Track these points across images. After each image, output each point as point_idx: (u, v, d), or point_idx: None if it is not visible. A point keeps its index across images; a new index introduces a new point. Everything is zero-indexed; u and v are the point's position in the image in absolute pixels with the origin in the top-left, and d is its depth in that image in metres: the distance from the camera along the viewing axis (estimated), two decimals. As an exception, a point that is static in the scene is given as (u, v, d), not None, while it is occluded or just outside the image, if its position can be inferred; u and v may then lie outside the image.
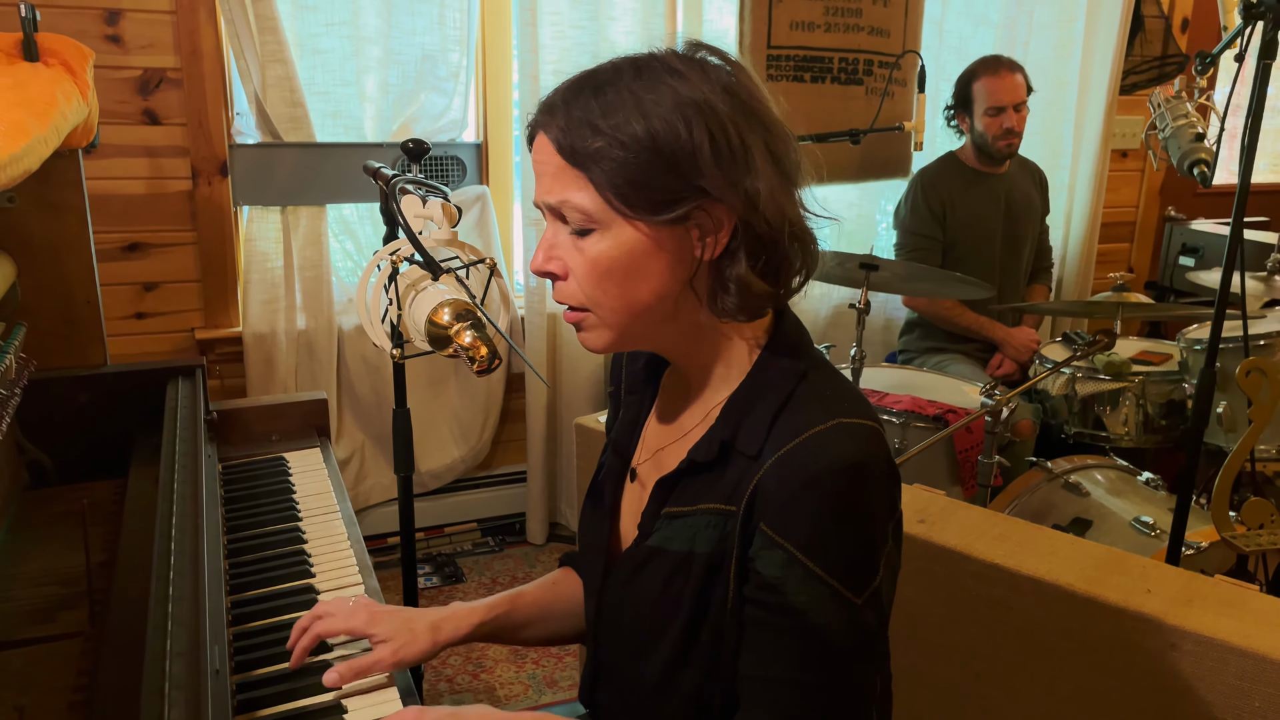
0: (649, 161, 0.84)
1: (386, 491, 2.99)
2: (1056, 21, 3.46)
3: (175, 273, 2.67)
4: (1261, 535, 1.62)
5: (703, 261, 0.88)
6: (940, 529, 1.57)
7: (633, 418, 1.05)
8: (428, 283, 1.02)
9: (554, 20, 2.78)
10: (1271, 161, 4.34)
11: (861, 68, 3.10)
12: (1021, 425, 2.62)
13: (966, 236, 2.97)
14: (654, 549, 0.95)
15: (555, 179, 0.88)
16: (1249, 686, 1.28)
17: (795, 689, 0.86)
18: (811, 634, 0.84)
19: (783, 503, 0.84)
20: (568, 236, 0.89)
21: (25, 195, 1.56)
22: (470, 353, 0.93)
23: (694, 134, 0.83)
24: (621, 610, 1.00)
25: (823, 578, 0.83)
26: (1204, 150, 1.77)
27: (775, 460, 0.85)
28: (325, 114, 2.71)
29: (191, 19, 2.51)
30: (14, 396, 1.37)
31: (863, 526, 0.85)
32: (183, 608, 1.00)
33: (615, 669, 1.03)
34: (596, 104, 0.85)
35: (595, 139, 0.84)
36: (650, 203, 0.85)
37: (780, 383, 0.91)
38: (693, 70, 0.86)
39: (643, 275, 0.88)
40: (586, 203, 0.86)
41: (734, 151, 0.84)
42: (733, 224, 0.87)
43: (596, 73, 0.88)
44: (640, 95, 0.84)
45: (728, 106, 0.85)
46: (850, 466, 0.84)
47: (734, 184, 0.84)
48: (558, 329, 3.02)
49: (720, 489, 0.91)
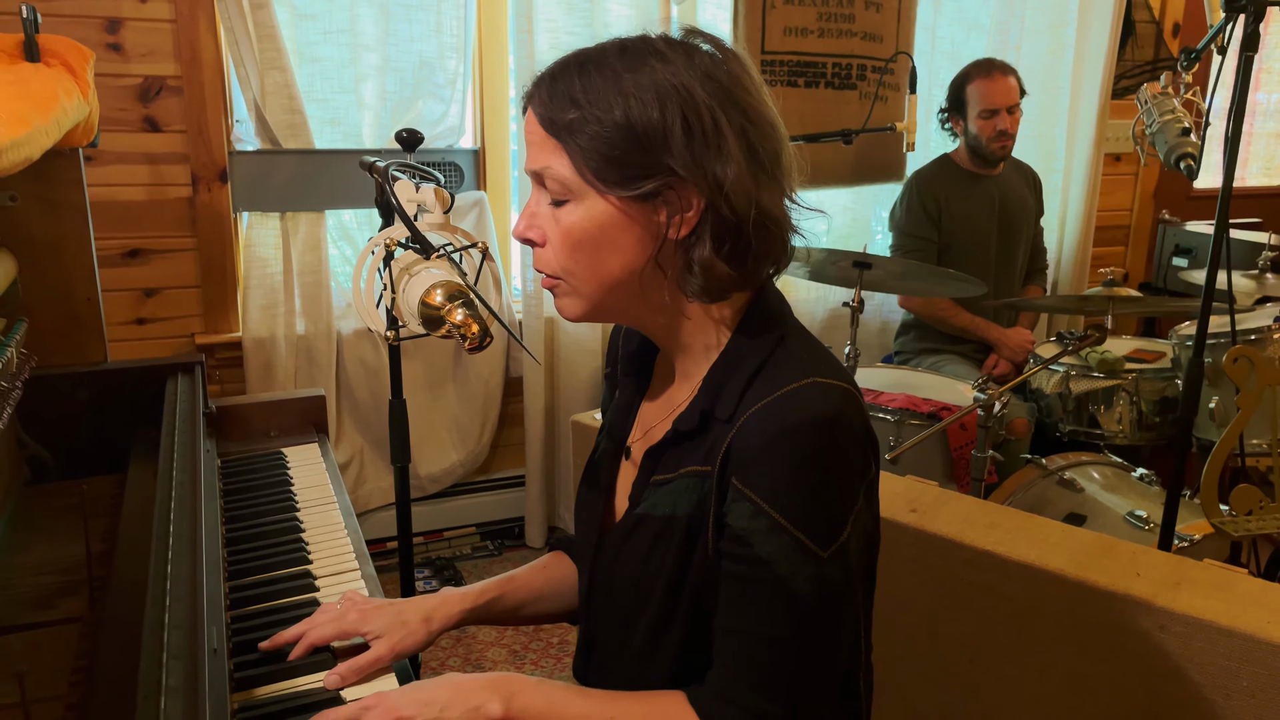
0: (622, 138, 0.87)
1: (385, 496, 3.00)
2: (1048, 26, 3.49)
3: (175, 278, 2.69)
4: (1250, 520, 1.63)
5: (669, 240, 0.91)
6: (932, 518, 1.59)
7: (628, 400, 1.07)
8: (421, 266, 1.04)
9: (549, 27, 2.81)
10: (1265, 165, 4.37)
11: (855, 72, 3.13)
12: (1016, 424, 2.63)
13: (961, 237, 2.99)
14: (640, 516, 0.97)
15: (539, 149, 0.91)
16: (1237, 666, 1.29)
17: (760, 643, 0.87)
18: (776, 586, 0.86)
19: (753, 455, 0.87)
20: (548, 206, 0.93)
21: (27, 193, 1.58)
22: (462, 330, 0.95)
23: (666, 115, 0.86)
24: (611, 580, 1.01)
25: (787, 528, 0.85)
26: (1190, 144, 1.79)
27: (748, 416, 0.88)
28: (324, 121, 2.74)
29: (191, 27, 2.54)
30: (15, 389, 1.39)
31: (830, 480, 0.86)
32: (180, 587, 1.02)
33: (606, 641, 1.05)
34: (579, 80, 0.88)
35: (574, 113, 0.88)
36: (621, 177, 0.88)
37: (756, 351, 0.93)
38: (677, 54, 0.89)
39: (612, 248, 0.91)
40: (563, 173, 0.89)
41: (706, 136, 0.87)
42: (701, 206, 0.89)
43: (586, 51, 0.92)
44: (621, 74, 0.87)
45: (706, 92, 0.87)
46: (821, 420, 0.86)
47: (702, 167, 0.87)
48: (555, 333, 3.04)
49: (699, 453, 0.93)
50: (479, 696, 0.91)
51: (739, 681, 0.88)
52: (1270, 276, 2.66)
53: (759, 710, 0.87)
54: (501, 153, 2.99)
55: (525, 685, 0.93)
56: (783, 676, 0.87)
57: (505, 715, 0.90)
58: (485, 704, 0.90)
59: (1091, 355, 2.59)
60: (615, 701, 0.93)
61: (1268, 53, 4.22)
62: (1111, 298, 2.20)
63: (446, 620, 1.10)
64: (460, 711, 0.89)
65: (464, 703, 0.90)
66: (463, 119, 2.87)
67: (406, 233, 1.05)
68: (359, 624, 1.07)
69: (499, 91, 2.96)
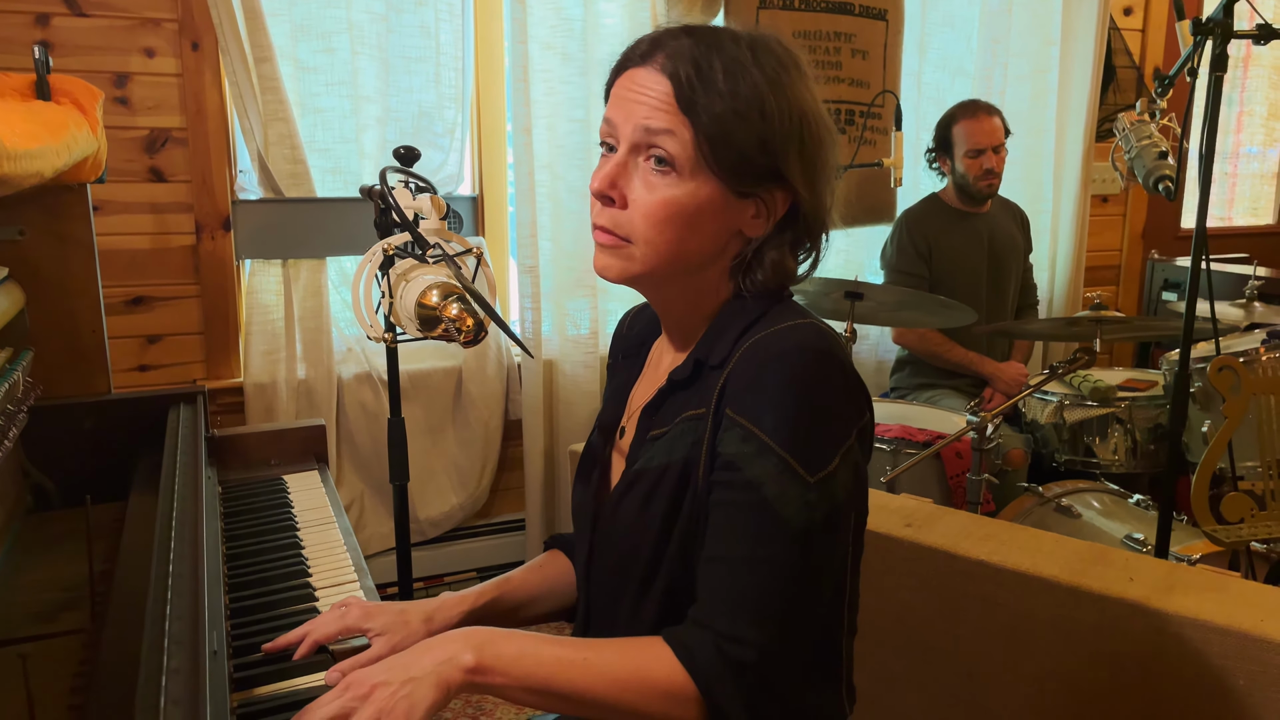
0: (755, 138, 0.92)
1: (385, 541, 3.00)
2: (1031, 73, 3.58)
3: (178, 325, 2.73)
4: (1243, 528, 1.64)
5: (745, 236, 0.97)
6: (927, 531, 1.60)
7: (621, 382, 1.11)
8: (417, 272, 1.07)
9: (545, 77, 2.89)
10: (1251, 205, 4.45)
11: (844, 117, 3.21)
12: (1013, 454, 2.65)
13: (952, 274, 3.03)
14: (637, 472, 1.00)
15: (657, 112, 0.92)
16: (1233, 665, 1.30)
17: (740, 566, 0.89)
18: (765, 508, 0.88)
19: (744, 384, 0.90)
20: (639, 171, 0.94)
21: (35, 227, 1.63)
22: (457, 324, 0.98)
23: (794, 129, 0.93)
24: (609, 541, 1.03)
25: (776, 450, 0.88)
26: (1167, 166, 1.85)
27: (741, 353, 0.92)
28: (325, 170, 2.80)
29: (197, 80, 2.62)
30: (20, 412, 1.41)
31: (820, 408, 0.89)
32: (181, 592, 1.03)
33: (603, 606, 1.06)
34: (723, 68, 0.91)
35: (716, 98, 0.90)
36: (738, 171, 0.93)
37: (750, 309, 0.98)
38: (794, 66, 0.96)
39: (700, 230, 0.94)
40: (682, 148, 0.92)
41: (816, 154, 0.95)
42: (785, 209, 0.96)
43: (710, 34, 0.94)
44: (759, 76, 0.92)
45: (815, 113, 0.95)
46: (811, 349, 0.90)
47: (809, 182, 0.95)
48: (553, 374, 3.07)
49: (693, 399, 0.97)
50: (450, 649, 0.90)
51: (716, 607, 0.89)
52: (1258, 305, 2.70)
53: (733, 634, 0.88)
54: (499, 199, 3.05)
55: (496, 634, 0.93)
56: (760, 601, 0.88)
57: (478, 663, 0.89)
58: (457, 655, 0.90)
59: (1084, 384, 2.62)
60: (590, 644, 0.93)
61: (1248, 95, 4.32)
62: (1099, 320, 2.23)
63: (447, 621, 1.11)
64: (432, 664, 0.89)
65: (436, 656, 0.90)
66: (461, 167, 2.94)
67: (403, 239, 1.09)
68: (361, 621, 1.08)
69: (497, 140, 3.04)
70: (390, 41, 2.79)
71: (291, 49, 2.68)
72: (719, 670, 0.87)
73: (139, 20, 2.54)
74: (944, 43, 3.50)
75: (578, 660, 0.90)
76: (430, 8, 2.80)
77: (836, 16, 3.14)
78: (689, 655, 0.89)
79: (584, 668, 0.90)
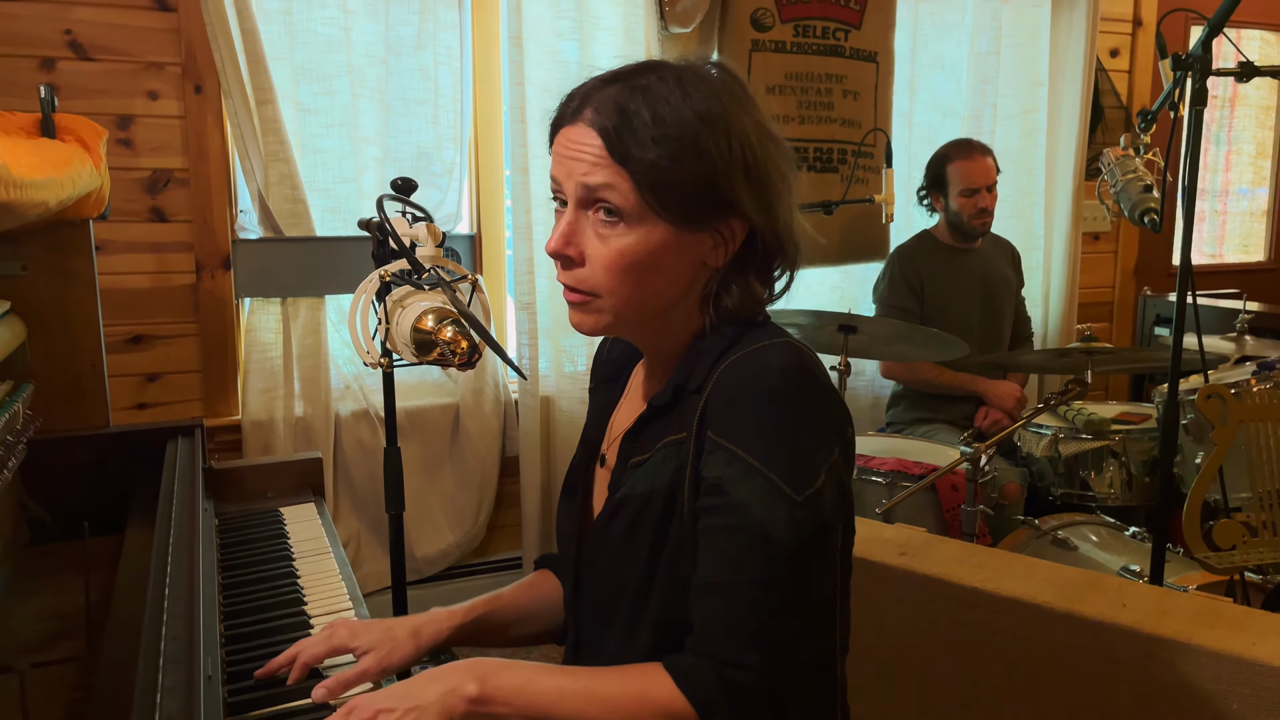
0: (692, 173, 0.91)
1: (381, 579, 2.99)
2: (1019, 113, 3.64)
3: (177, 363, 2.75)
4: (1235, 554, 1.65)
5: (709, 266, 0.97)
6: (921, 560, 1.61)
7: (601, 406, 1.12)
8: (413, 299, 1.09)
9: (543, 118, 2.93)
10: (1242, 242, 4.50)
11: (836, 157, 3.26)
12: (1009, 488, 2.65)
13: (945, 310, 3.06)
14: (621, 500, 1.00)
15: (594, 168, 0.92)
16: (1226, 689, 1.30)
17: (735, 590, 0.89)
18: (754, 531, 0.88)
19: (725, 406, 0.91)
20: (590, 224, 0.95)
21: (38, 262, 1.65)
22: (452, 346, 1.00)
23: (734, 156, 0.92)
24: (595, 571, 1.03)
25: (761, 471, 0.88)
26: (1151, 199, 1.88)
27: (720, 374, 0.92)
28: (325, 210, 2.84)
29: (199, 122, 2.66)
30: (20, 444, 1.43)
31: (800, 425, 0.90)
32: (178, 611, 1.04)
33: (592, 636, 1.06)
34: (647, 109, 0.91)
35: (646, 142, 0.90)
36: (682, 209, 0.93)
37: (727, 332, 0.99)
38: (732, 98, 0.95)
39: (659, 271, 0.95)
40: (623, 198, 0.92)
41: (763, 176, 0.94)
42: (744, 235, 0.96)
43: (637, 76, 0.94)
44: (686, 109, 0.91)
45: (759, 136, 0.94)
46: (791, 369, 0.91)
47: (762, 207, 0.94)
48: (550, 411, 3.08)
49: (673, 424, 0.97)
50: (454, 679, 0.91)
51: (713, 634, 0.89)
52: (1249, 339, 2.73)
53: (732, 660, 0.88)
54: (497, 238, 3.09)
55: (499, 664, 0.94)
56: (756, 625, 0.88)
57: (481, 693, 0.90)
58: (461, 685, 0.91)
59: (1078, 417, 2.63)
60: (591, 674, 0.94)
61: (1235, 135, 4.38)
62: (1089, 351, 2.26)
63: (436, 636, 1.11)
64: (437, 694, 0.90)
65: (440, 686, 0.91)
66: (459, 206, 2.98)
67: (400, 266, 1.11)
68: (349, 640, 1.09)
69: (494, 179, 3.08)
70: (390, 84, 2.84)
71: (293, 91, 2.73)
72: (719, 697, 0.88)
73: (143, 64, 2.59)
74: (934, 84, 3.57)
75: (579, 690, 0.91)
76: (429, 51, 2.86)
77: (828, 59, 3.20)
78: (689, 683, 0.89)
79: (586, 697, 0.90)
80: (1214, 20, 1.68)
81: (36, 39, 2.48)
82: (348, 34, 2.76)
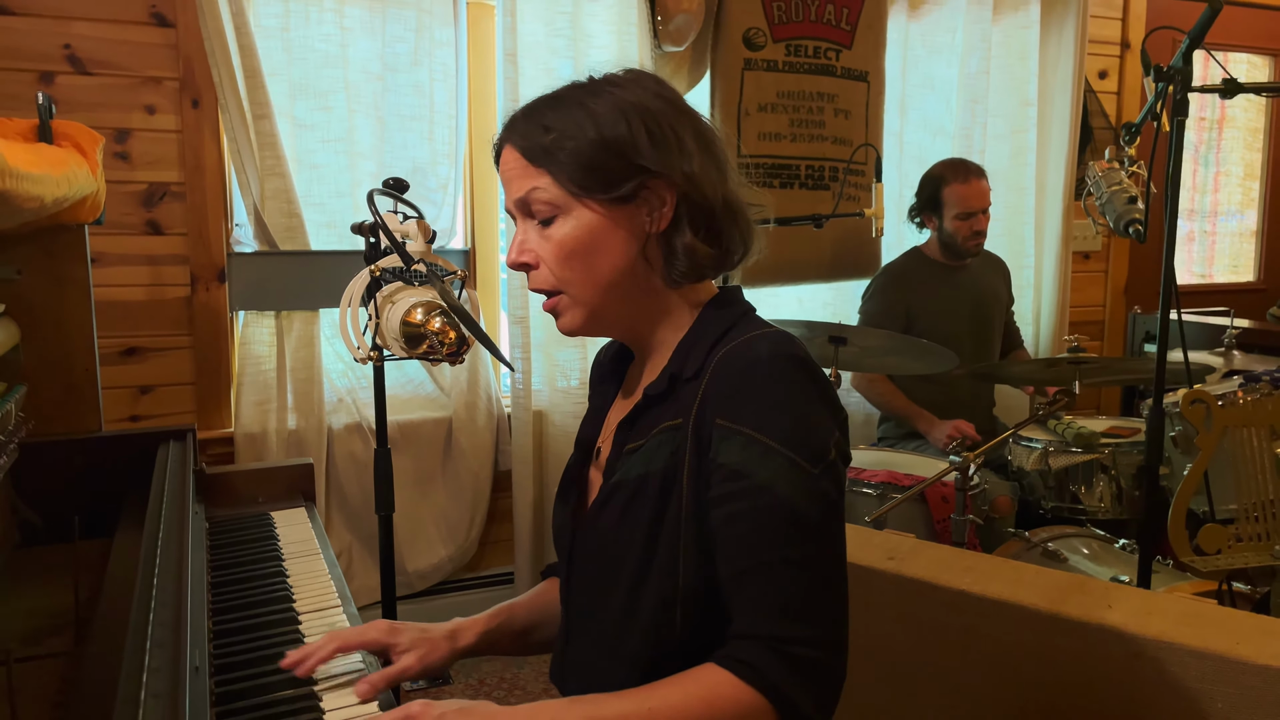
0: (597, 150, 0.98)
1: (372, 594, 2.98)
2: (1009, 132, 3.68)
3: (171, 376, 2.76)
4: (1220, 558, 1.66)
5: (651, 234, 1.01)
6: (909, 564, 1.61)
7: (597, 406, 1.14)
8: (402, 294, 1.11)
9: (536, 134, 2.97)
10: (1231, 262, 4.54)
11: (827, 174, 3.29)
12: (1000, 502, 2.65)
13: (935, 328, 3.07)
14: (616, 484, 1.02)
15: (521, 178, 1.01)
16: (1211, 689, 1.30)
17: (774, 569, 0.91)
18: (782, 508, 0.91)
19: (730, 392, 0.94)
20: (535, 231, 1.02)
21: (33, 267, 1.67)
22: (440, 337, 1.01)
23: (631, 125, 0.98)
24: (588, 554, 1.04)
25: (779, 450, 0.91)
26: (1136, 210, 1.90)
27: (717, 362, 0.96)
28: (320, 224, 2.86)
29: (196, 136, 2.69)
30: (11, 444, 1.43)
31: (808, 405, 0.94)
32: (166, 601, 1.04)
33: (584, 622, 1.07)
34: (550, 112, 1.01)
35: (552, 137, 0.99)
36: (602, 184, 0.98)
37: (721, 321, 1.02)
38: (629, 81, 1.03)
39: (603, 250, 1.00)
40: (549, 192, 1.00)
41: (667, 138, 0.99)
42: (674, 199, 1.00)
43: (549, 92, 1.04)
44: (585, 100, 1.00)
45: (659, 104, 1.01)
46: (786, 355, 0.95)
47: (670, 163, 0.99)
48: (543, 425, 3.09)
49: (669, 411, 1.00)
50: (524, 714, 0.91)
51: (763, 616, 0.91)
52: (1236, 353, 2.75)
53: (784, 635, 0.89)
54: (491, 253, 3.11)
55: (558, 705, 0.93)
56: (802, 599, 0.90)
57: None
58: None
59: (1068, 431, 2.64)
60: (649, 692, 0.92)
61: (1224, 156, 4.43)
62: (1077, 361, 2.27)
63: (469, 641, 1.14)
64: None
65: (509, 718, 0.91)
66: (454, 221, 3.00)
67: (391, 263, 1.13)
68: (387, 636, 1.10)
69: (489, 195, 3.10)
70: (386, 100, 2.87)
71: (289, 107, 2.76)
72: (786, 675, 0.89)
73: (141, 79, 2.62)
74: (924, 104, 3.61)
75: (642, 711, 0.90)
76: (425, 68, 2.89)
77: (819, 78, 3.24)
78: (751, 671, 0.89)
79: (650, 717, 0.90)
80: (1193, 32, 1.71)
81: (35, 53, 2.51)
82: (344, 50, 2.79)
